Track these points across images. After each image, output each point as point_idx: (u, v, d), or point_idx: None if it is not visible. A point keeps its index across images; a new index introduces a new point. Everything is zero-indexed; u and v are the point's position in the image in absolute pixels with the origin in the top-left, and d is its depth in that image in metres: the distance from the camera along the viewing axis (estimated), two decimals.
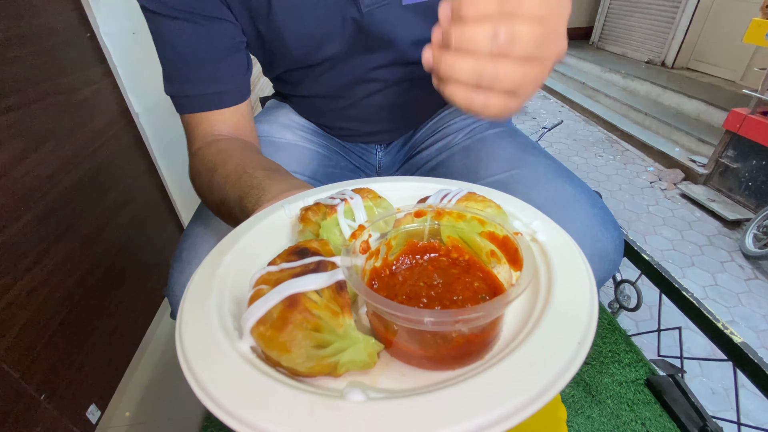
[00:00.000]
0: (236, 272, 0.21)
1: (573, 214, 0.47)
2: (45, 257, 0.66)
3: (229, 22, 0.45)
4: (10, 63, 0.62)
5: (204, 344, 0.16)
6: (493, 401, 0.13)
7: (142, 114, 0.94)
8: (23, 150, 0.63)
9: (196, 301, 0.18)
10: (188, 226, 0.56)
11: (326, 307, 0.17)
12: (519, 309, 0.19)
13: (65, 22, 0.75)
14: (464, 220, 0.22)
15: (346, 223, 0.23)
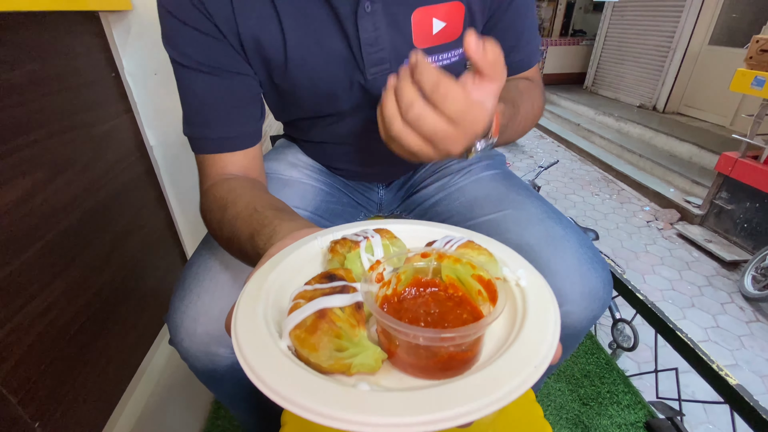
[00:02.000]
0: (277, 288, 0.26)
1: (563, 253, 0.50)
2: (52, 284, 0.67)
3: (248, 76, 0.49)
4: (41, 99, 0.67)
5: (253, 341, 0.22)
6: (461, 401, 0.18)
7: (156, 147, 0.99)
8: (44, 179, 0.67)
9: (247, 309, 0.24)
10: (192, 256, 0.58)
11: (346, 320, 0.23)
12: (497, 338, 0.24)
13: (94, 62, 0.81)
14: (460, 263, 0.27)
15: (366, 257, 0.29)
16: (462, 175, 0.65)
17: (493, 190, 0.60)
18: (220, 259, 0.53)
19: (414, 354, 0.22)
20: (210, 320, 0.49)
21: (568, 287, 0.50)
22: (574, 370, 1.15)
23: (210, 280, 0.50)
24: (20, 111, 0.62)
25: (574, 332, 0.54)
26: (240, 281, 0.51)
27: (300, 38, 0.46)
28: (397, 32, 0.48)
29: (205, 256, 0.55)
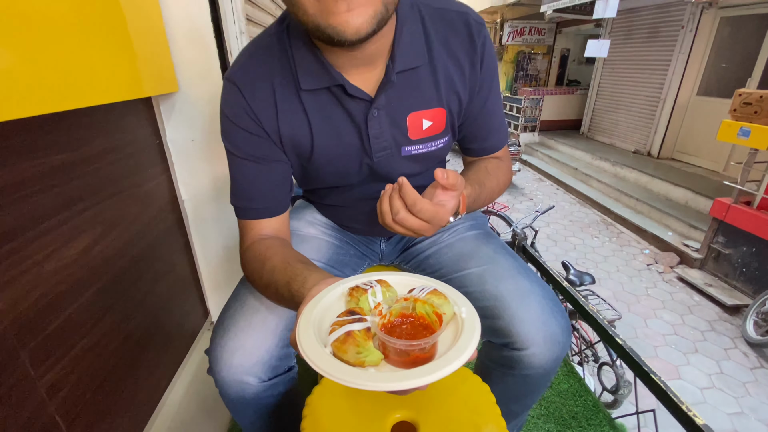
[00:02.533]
0: (319, 319, 0.43)
1: (528, 303, 0.60)
2: (97, 325, 0.77)
3: (283, 162, 0.63)
4: (106, 167, 0.80)
5: (311, 348, 0.38)
6: (419, 375, 0.36)
7: (187, 201, 1.12)
8: (101, 234, 0.79)
9: (303, 331, 0.40)
10: (228, 301, 0.68)
11: (362, 337, 0.39)
12: (445, 346, 0.41)
13: (144, 134, 0.96)
14: (426, 303, 0.44)
15: (372, 300, 0.45)
16: (450, 233, 0.76)
17: (475, 248, 0.71)
18: (251, 306, 0.63)
19: (397, 355, 0.39)
20: (244, 354, 0.58)
21: (533, 333, 0.60)
22: (563, 412, 1.19)
23: (244, 322, 0.61)
24: (92, 178, 0.75)
25: (541, 371, 0.63)
26: (267, 324, 0.61)
27: (324, 135, 0.60)
28: (396, 129, 0.61)
29: (239, 302, 0.65)
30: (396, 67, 0.56)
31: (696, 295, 3.18)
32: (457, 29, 0.60)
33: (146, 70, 0.82)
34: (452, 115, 0.65)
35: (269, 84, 0.57)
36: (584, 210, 4.99)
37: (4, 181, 0.57)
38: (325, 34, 0.46)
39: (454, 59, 0.61)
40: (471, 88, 0.63)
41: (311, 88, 0.57)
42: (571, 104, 7.69)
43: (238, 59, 0.60)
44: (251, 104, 0.57)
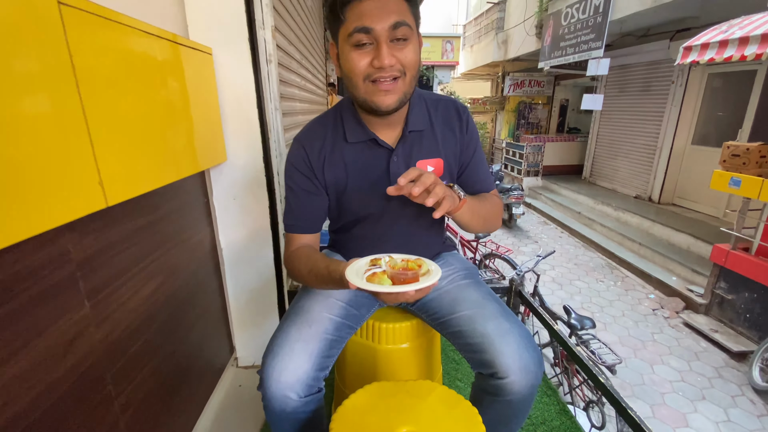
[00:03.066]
0: (356, 268, 0.69)
1: (508, 341, 0.75)
2: (151, 363, 0.91)
3: (323, 197, 0.88)
4: (167, 226, 0.99)
5: (356, 281, 0.64)
6: (410, 286, 0.64)
7: (225, 248, 1.31)
8: (162, 282, 0.96)
9: (352, 274, 0.65)
10: (276, 332, 0.85)
11: (381, 274, 0.66)
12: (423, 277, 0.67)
13: (196, 196, 1.17)
14: (410, 261, 0.70)
15: (384, 262, 0.69)
16: (447, 281, 0.94)
17: (467, 294, 0.88)
18: (293, 337, 0.79)
19: (397, 280, 0.64)
20: (288, 374, 0.74)
21: (511, 364, 0.75)
22: None
23: (288, 348, 0.77)
24: (160, 234, 0.94)
25: (520, 397, 0.76)
26: (305, 351, 0.78)
27: (356, 175, 0.86)
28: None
29: (284, 333, 0.81)
30: (408, 128, 0.84)
31: (702, 341, 3.19)
32: (449, 109, 0.91)
33: (205, 151, 1.04)
34: (449, 164, 0.90)
35: (321, 143, 0.86)
36: (589, 253, 5.07)
37: (110, 239, 0.76)
38: (369, 106, 0.76)
39: (449, 127, 0.90)
40: (461, 146, 0.91)
41: (354, 141, 0.85)
42: (572, 150, 7.99)
43: (305, 127, 0.90)
44: (309, 156, 0.85)
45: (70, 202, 0.56)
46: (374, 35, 0.68)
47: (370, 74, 0.71)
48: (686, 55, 3.26)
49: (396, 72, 0.72)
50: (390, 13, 0.68)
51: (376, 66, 0.70)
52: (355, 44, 0.70)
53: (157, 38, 0.82)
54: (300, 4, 2.17)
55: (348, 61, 0.72)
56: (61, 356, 0.63)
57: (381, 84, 0.72)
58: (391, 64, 0.70)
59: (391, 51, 0.69)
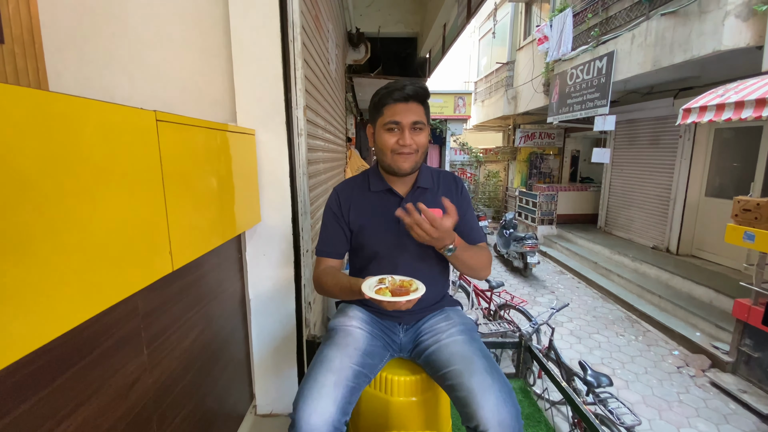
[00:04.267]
0: (369, 284, 0.92)
1: (488, 396, 0.85)
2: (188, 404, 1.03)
3: (347, 231, 1.14)
4: (207, 281, 1.14)
5: (368, 293, 0.88)
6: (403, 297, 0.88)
7: (253, 299, 1.44)
8: (200, 330, 1.09)
9: (365, 288, 0.90)
10: (305, 377, 0.94)
11: (385, 289, 0.92)
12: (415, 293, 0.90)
13: (232, 252, 1.32)
14: (405, 281, 0.96)
15: (389, 280, 0.96)
16: (447, 335, 1.05)
17: (461, 349, 1.00)
18: (321, 383, 0.89)
19: (395, 293, 0.89)
20: (317, 416, 0.84)
21: (490, 418, 0.83)
22: None
23: (317, 392, 0.87)
24: (203, 288, 1.09)
25: None
26: (331, 396, 0.88)
27: (376, 217, 1.11)
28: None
29: (313, 379, 0.91)
30: (417, 184, 1.13)
31: (731, 403, 3.04)
32: (448, 178, 1.20)
33: (244, 216, 1.21)
34: None
35: (350, 192, 1.15)
36: (607, 305, 4.97)
37: (169, 294, 0.90)
38: (392, 169, 1.07)
39: (447, 190, 1.17)
40: (457, 207, 1.09)
41: (375, 190, 1.13)
42: (586, 200, 8.06)
43: (343, 182, 1.19)
44: (341, 199, 1.15)
45: (148, 270, 0.71)
46: (401, 126, 1.03)
47: (395, 149, 1.04)
48: (686, 116, 3.42)
49: (413, 149, 1.04)
50: (412, 113, 1.03)
51: (400, 144, 1.03)
52: (387, 129, 1.04)
53: (214, 130, 1.01)
54: (325, 76, 2.46)
55: (382, 139, 1.06)
56: (124, 398, 0.75)
57: (402, 155, 1.04)
58: (410, 144, 1.03)
59: (411, 136, 1.03)
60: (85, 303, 0.57)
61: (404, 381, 1.06)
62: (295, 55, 1.46)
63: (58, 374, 0.60)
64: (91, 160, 0.59)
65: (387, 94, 1.03)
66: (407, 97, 1.02)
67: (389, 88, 1.03)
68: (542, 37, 6.26)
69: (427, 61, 5.42)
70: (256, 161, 1.33)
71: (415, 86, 1.02)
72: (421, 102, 1.05)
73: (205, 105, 1.37)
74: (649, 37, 4.46)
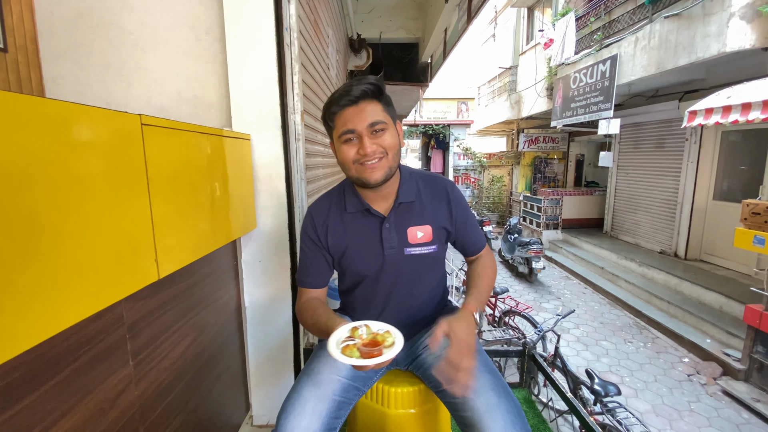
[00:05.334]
0: (337, 339, 0.77)
1: (495, 417, 0.81)
2: (179, 415, 1.00)
3: (327, 257, 1.02)
4: (201, 288, 1.11)
5: (333, 352, 0.74)
6: (374, 360, 0.75)
7: (249, 307, 1.41)
8: (193, 339, 1.06)
9: (331, 343, 0.77)
10: (289, 394, 0.90)
11: (353, 347, 0.76)
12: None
13: (227, 259, 1.30)
14: (378, 335, 0.80)
15: (361, 332, 0.80)
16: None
17: None
18: (305, 397, 0.85)
19: (363, 354, 0.74)
20: (299, 430, 0.80)
21: None
22: None
23: (300, 408, 0.83)
24: (196, 296, 1.06)
25: None
26: (315, 412, 0.84)
27: (355, 239, 0.99)
28: (400, 236, 0.98)
29: (297, 393, 0.88)
30: (398, 200, 0.98)
31: (744, 412, 2.94)
32: (437, 184, 1.05)
33: (239, 221, 1.19)
34: (437, 230, 1.01)
35: (326, 214, 1.01)
36: (615, 311, 4.88)
37: (156, 303, 0.88)
38: (360, 181, 0.92)
39: (438, 199, 1.04)
40: (451, 215, 1.04)
41: (352, 211, 0.99)
42: (592, 204, 7.97)
43: (317, 200, 1.06)
44: (315, 224, 1.01)
45: (131, 278, 0.68)
46: (357, 133, 0.88)
47: (358, 159, 0.90)
48: (692, 118, 3.37)
49: (379, 154, 0.90)
50: (367, 115, 0.88)
51: (361, 153, 0.89)
52: (344, 141, 0.90)
53: (206, 135, 0.99)
54: (325, 82, 2.46)
55: (341, 152, 0.92)
56: (107, 412, 0.72)
57: (368, 164, 0.90)
58: (372, 151, 0.88)
59: (371, 140, 0.89)
60: (60, 312, 0.54)
61: (401, 392, 1.03)
62: (292, 59, 1.45)
63: (33, 387, 0.57)
64: (70, 164, 0.57)
65: (333, 102, 0.90)
66: (356, 99, 0.87)
67: (335, 95, 0.90)
68: (548, 41, 6.24)
69: (429, 67, 5.42)
70: (251, 167, 1.31)
71: (362, 84, 0.87)
72: (376, 98, 0.90)
73: (201, 110, 1.36)
74: (653, 40, 4.43)
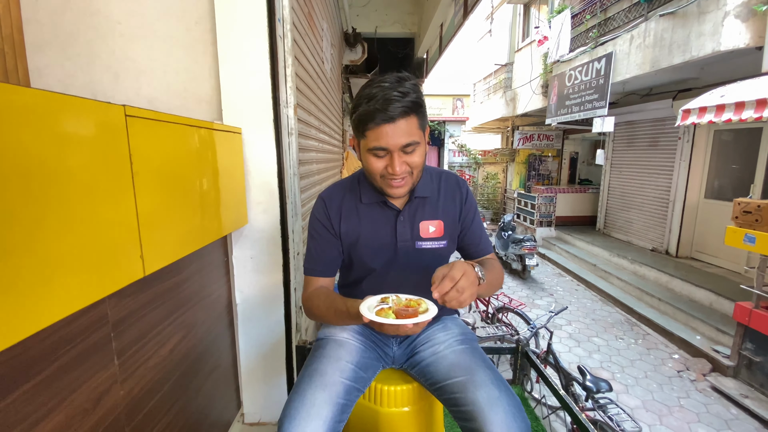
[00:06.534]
0: (368, 305, 0.79)
1: (495, 410, 0.79)
2: (168, 412, 0.98)
3: (338, 246, 1.00)
4: (189, 286, 1.09)
5: (368, 314, 0.76)
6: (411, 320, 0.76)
7: (240, 304, 1.39)
8: (181, 337, 1.04)
9: (365, 309, 0.77)
10: (290, 395, 0.87)
11: (387, 310, 0.79)
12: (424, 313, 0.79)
13: (217, 255, 1.27)
14: (412, 300, 0.84)
15: (392, 301, 0.82)
16: (445, 346, 0.99)
17: (461, 360, 0.93)
18: (309, 400, 0.83)
19: (398, 316, 0.77)
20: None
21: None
22: None
23: (305, 412, 0.81)
24: (184, 293, 1.04)
25: None
26: (320, 415, 0.81)
27: (368, 230, 0.98)
28: (412, 229, 0.99)
29: (300, 395, 0.85)
30: (415, 194, 0.98)
31: (733, 408, 2.99)
32: (450, 182, 1.05)
33: (230, 217, 1.16)
34: (448, 227, 1.01)
35: (340, 201, 1.01)
36: (606, 308, 4.92)
37: (142, 301, 0.85)
38: (383, 191, 0.93)
39: (450, 197, 1.04)
40: (461, 213, 1.04)
41: (367, 202, 0.99)
42: (585, 202, 8.02)
43: (329, 188, 1.05)
44: (328, 210, 1.00)
45: (115, 275, 0.66)
46: (388, 151, 0.86)
47: (384, 175, 0.89)
48: (685, 116, 3.39)
49: (405, 173, 0.89)
50: (402, 135, 0.84)
51: (390, 171, 0.87)
52: (373, 153, 0.87)
53: (195, 127, 0.96)
54: (319, 76, 2.42)
55: (368, 162, 0.90)
56: (90, 412, 0.70)
57: (393, 183, 0.89)
58: (401, 171, 0.87)
59: (401, 159, 0.86)
60: (39, 310, 0.52)
61: (395, 391, 1.01)
62: (285, 52, 1.42)
63: (12, 388, 0.55)
64: (51, 156, 0.54)
65: (368, 116, 0.82)
66: (394, 117, 0.81)
67: (371, 106, 0.81)
68: (542, 38, 6.23)
69: (425, 62, 5.39)
70: (243, 161, 1.28)
71: (403, 102, 0.81)
72: (414, 112, 0.84)
73: (191, 103, 1.33)
74: (648, 38, 4.44)
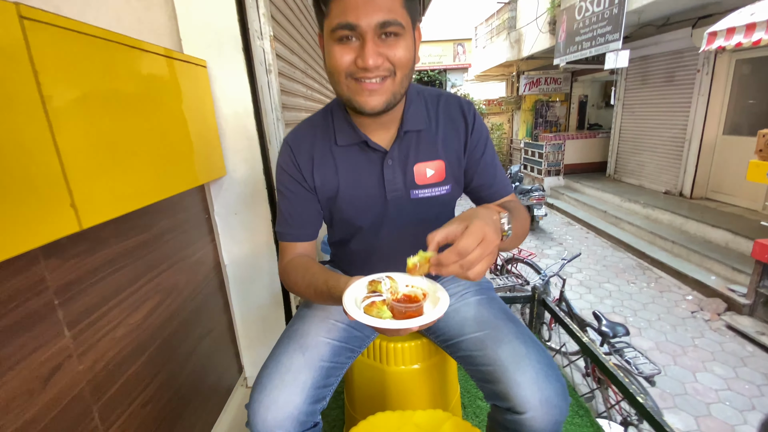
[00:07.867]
0: (354, 296, 0.61)
1: (524, 368, 0.65)
2: (151, 383, 0.88)
3: (315, 202, 0.80)
4: (166, 244, 0.96)
5: (352, 310, 0.56)
6: (412, 323, 0.56)
7: (229, 265, 1.27)
8: (159, 302, 0.93)
9: (347, 301, 0.58)
10: (266, 362, 0.76)
11: (379, 304, 0.58)
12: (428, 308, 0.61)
13: (195, 211, 1.13)
14: (415, 287, 0.64)
15: (384, 287, 0.61)
16: (457, 298, 0.84)
17: (477, 313, 0.79)
18: (285, 365, 0.72)
19: (399, 314, 0.58)
20: (276, 409, 0.66)
21: (528, 396, 0.64)
22: None
23: (278, 380, 0.69)
24: (157, 253, 0.91)
25: None
26: (297, 382, 0.70)
27: (348, 180, 0.78)
28: (405, 175, 0.77)
29: (275, 361, 0.74)
30: (404, 128, 0.76)
31: (749, 345, 2.94)
32: (451, 106, 0.81)
33: (203, 165, 1.00)
34: (452, 167, 0.80)
35: (310, 144, 0.79)
36: (618, 254, 4.83)
37: (94, 263, 0.72)
38: (352, 106, 0.68)
39: (452, 126, 0.80)
40: (467, 147, 0.81)
41: (344, 144, 0.77)
42: (595, 147, 7.71)
43: (295, 128, 0.82)
44: (296, 157, 0.78)
45: (36, 227, 0.52)
46: (359, 32, 0.61)
47: (353, 72, 0.64)
48: (711, 40, 3.07)
49: (384, 72, 0.64)
50: (378, 9, 0.60)
51: (360, 65, 0.63)
52: (338, 38, 0.63)
53: (140, 51, 0.78)
54: (303, 13, 2.15)
55: (331, 55, 0.65)
56: (40, 390, 0.59)
57: (365, 84, 0.64)
58: (376, 65, 0.62)
59: (377, 48, 0.62)
60: None
61: (403, 348, 0.90)
62: None
63: None
64: None
65: None
66: None
67: None
68: None
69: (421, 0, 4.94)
70: (212, 100, 1.10)
71: None
72: None
73: (148, 36, 1.12)
74: None
